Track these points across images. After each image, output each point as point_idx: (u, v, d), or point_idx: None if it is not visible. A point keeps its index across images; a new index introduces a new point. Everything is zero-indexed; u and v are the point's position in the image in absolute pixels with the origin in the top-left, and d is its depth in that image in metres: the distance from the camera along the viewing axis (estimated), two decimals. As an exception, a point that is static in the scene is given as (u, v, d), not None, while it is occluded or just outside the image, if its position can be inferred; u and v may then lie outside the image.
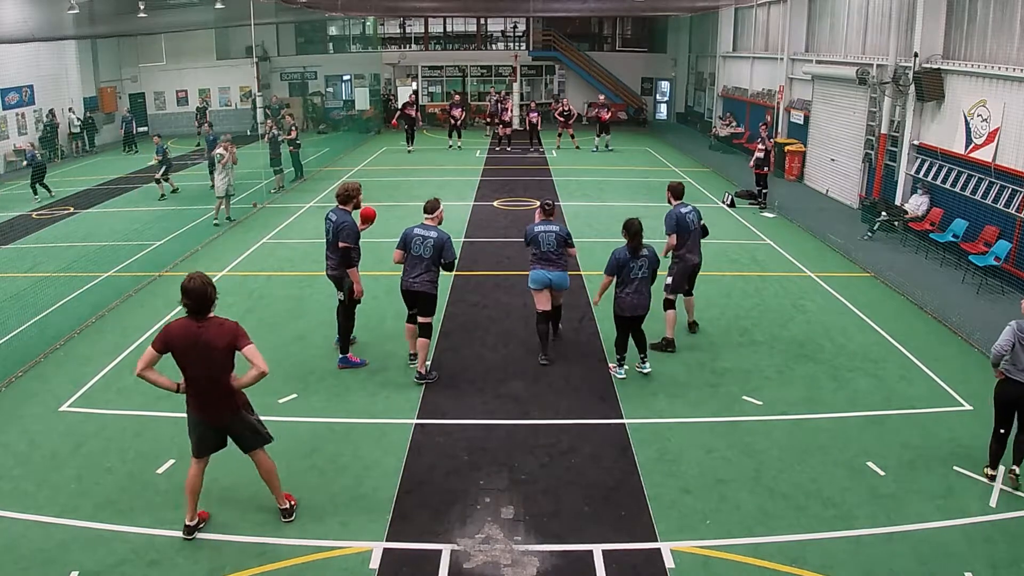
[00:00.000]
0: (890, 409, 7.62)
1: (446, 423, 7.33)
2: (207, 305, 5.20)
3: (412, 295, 8.14)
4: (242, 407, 5.49)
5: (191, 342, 5.18)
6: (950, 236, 12.71)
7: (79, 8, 19.68)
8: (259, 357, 5.14)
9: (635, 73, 34.80)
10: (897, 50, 15.08)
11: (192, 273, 5.25)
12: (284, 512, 5.77)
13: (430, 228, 8.12)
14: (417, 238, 8.05)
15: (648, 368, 8.34)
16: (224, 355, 5.21)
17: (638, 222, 7.95)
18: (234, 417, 5.47)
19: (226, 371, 5.29)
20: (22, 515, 5.88)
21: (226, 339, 5.18)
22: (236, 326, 5.25)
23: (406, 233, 8.18)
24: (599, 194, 18.01)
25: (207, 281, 5.21)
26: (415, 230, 8.12)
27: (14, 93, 22.70)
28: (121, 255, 12.93)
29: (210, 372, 5.25)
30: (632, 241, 7.89)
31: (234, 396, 5.39)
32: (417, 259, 8.04)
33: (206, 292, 5.17)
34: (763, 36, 24.27)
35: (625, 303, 8.03)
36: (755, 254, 13.14)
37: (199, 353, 5.19)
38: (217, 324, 5.24)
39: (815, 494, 6.17)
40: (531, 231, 8.55)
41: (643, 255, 7.95)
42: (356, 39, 35.20)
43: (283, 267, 12.36)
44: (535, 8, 27.08)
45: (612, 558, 5.40)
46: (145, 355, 5.23)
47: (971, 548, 5.50)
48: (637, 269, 7.91)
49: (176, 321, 5.32)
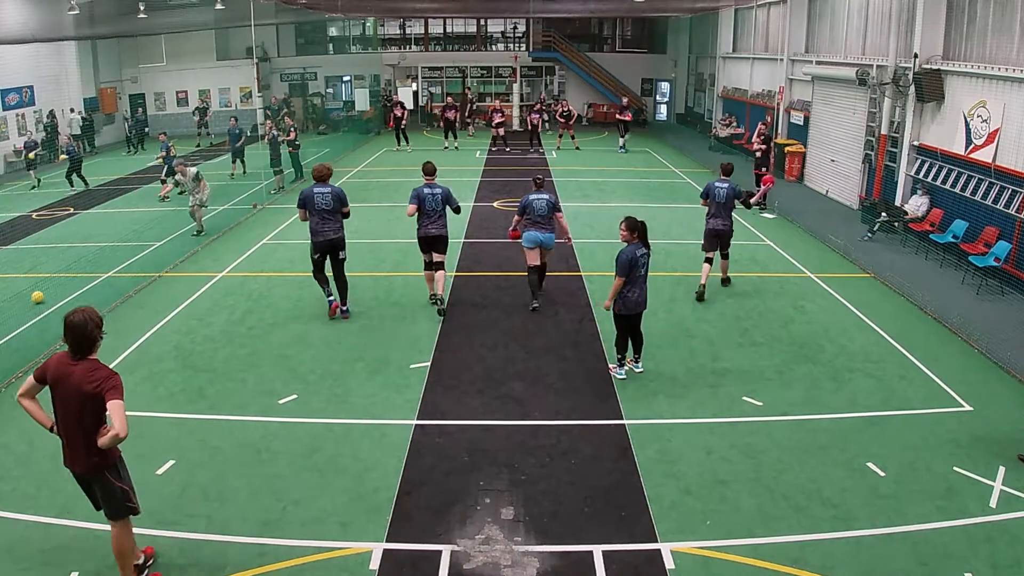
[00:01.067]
0: (890, 410, 7.62)
1: (446, 423, 7.33)
2: (85, 344, 4.65)
3: (431, 239, 9.95)
4: (107, 468, 4.84)
5: (61, 380, 4.68)
6: (950, 237, 12.71)
7: (79, 9, 19.68)
8: (121, 418, 4.50)
9: (635, 74, 34.81)
10: (897, 51, 15.09)
11: (81, 307, 4.77)
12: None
13: (434, 186, 9.93)
14: (428, 195, 9.83)
15: (640, 368, 8.41)
16: (89, 402, 4.61)
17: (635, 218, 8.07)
18: (93, 475, 4.85)
19: (93, 423, 4.67)
20: (22, 516, 5.88)
21: (92, 386, 4.58)
22: (110, 376, 4.64)
23: (417, 192, 9.87)
24: (599, 195, 18.01)
25: (92, 318, 4.67)
26: (424, 189, 9.86)
27: (14, 94, 22.72)
28: (121, 256, 12.94)
29: (74, 417, 4.68)
30: (643, 238, 7.98)
31: (97, 452, 4.70)
32: (431, 211, 9.83)
33: (86, 329, 4.62)
34: (763, 37, 24.29)
35: (630, 302, 8.04)
36: (755, 255, 13.14)
37: (65, 393, 4.67)
38: (90, 368, 4.65)
39: (815, 495, 6.17)
40: (526, 199, 10.08)
41: (646, 252, 8.03)
42: (356, 40, 35.22)
43: (283, 268, 12.36)
44: (535, 9, 27.10)
45: (612, 559, 5.39)
46: (26, 381, 4.87)
47: (971, 548, 5.50)
48: (642, 267, 7.95)
49: (57, 354, 4.83)
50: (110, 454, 4.82)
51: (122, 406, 4.57)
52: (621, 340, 8.27)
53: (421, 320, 10.00)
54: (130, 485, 5.01)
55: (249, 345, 9.22)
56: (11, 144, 22.77)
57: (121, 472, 4.96)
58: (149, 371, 8.50)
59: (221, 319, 10.09)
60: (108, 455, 4.81)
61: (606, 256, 12.85)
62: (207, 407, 7.65)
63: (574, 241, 11.83)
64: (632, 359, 8.43)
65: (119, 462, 4.96)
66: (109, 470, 4.86)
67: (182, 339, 9.43)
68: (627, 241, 7.96)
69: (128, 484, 5.00)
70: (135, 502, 5.03)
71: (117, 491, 4.91)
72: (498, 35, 36.20)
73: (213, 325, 9.88)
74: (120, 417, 4.51)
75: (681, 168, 21.94)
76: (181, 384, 8.18)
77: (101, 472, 4.83)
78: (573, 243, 11.76)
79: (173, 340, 9.40)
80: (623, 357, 8.31)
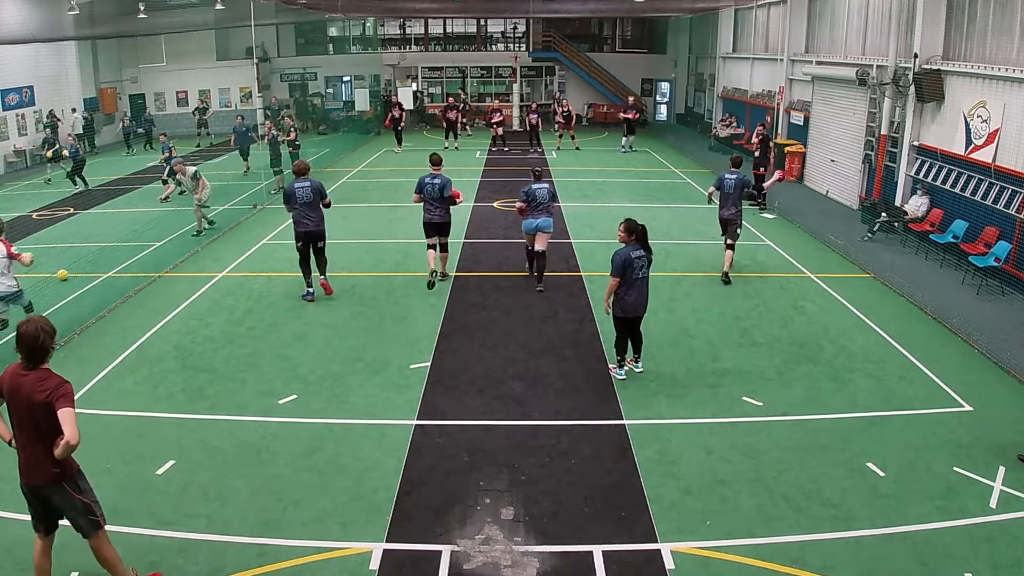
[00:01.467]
0: (890, 410, 7.62)
1: (446, 424, 7.33)
2: (37, 354, 4.62)
3: (436, 225, 11.12)
4: (65, 480, 4.75)
5: (13, 390, 4.64)
6: (950, 237, 12.71)
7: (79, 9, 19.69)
8: (71, 425, 4.44)
9: (635, 74, 34.80)
10: (897, 51, 15.09)
11: (34, 316, 4.79)
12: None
13: (436, 176, 10.98)
14: (429, 184, 10.95)
15: (640, 368, 8.43)
16: (42, 412, 4.55)
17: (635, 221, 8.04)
18: (53, 488, 4.75)
19: (49, 433, 4.58)
20: (22, 516, 5.86)
21: (43, 394, 4.53)
22: (60, 384, 4.60)
23: (421, 181, 11.06)
24: (599, 195, 18.02)
25: (44, 328, 4.65)
26: (426, 179, 10.99)
27: (14, 94, 22.72)
28: (121, 256, 12.94)
29: (29, 429, 4.63)
30: (642, 240, 7.94)
31: (53, 463, 4.64)
32: (433, 199, 10.97)
33: (38, 339, 4.59)
34: (763, 37, 24.29)
35: (628, 305, 8.02)
36: (755, 255, 13.14)
37: (18, 405, 4.63)
38: (40, 377, 4.61)
39: (815, 495, 6.17)
40: (530, 189, 11.08)
41: (648, 255, 8.01)
42: (356, 40, 35.22)
43: (283, 268, 12.35)
44: (535, 9, 27.10)
45: (612, 559, 5.39)
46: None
47: (972, 549, 5.50)
48: (638, 270, 7.91)
49: (10, 365, 4.78)
50: (68, 466, 4.75)
51: (72, 413, 4.51)
52: (620, 342, 8.28)
53: (421, 320, 10.00)
54: (92, 498, 4.92)
55: (249, 345, 9.22)
56: (11, 144, 22.78)
57: (81, 485, 4.86)
58: (149, 371, 8.50)
59: (221, 319, 10.09)
60: (66, 466, 4.73)
61: (605, 256, 12.74)
62: (207, 407, 7.65)
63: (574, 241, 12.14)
64: (632, 359, 8.44)
65: (78, 475, 4.87)
66: (68, 482, 4.78)
67: (182, 339, 9.43)
68: (624, 242, 7.96)
69: (90, 497, 4.90)
70: (99, 514, 4.94)
71: (79, 504, 4.81)
72: (498, 35, 36.20)
73: (213, 325, 9.88)
74: (71, 425, 4.44)
75: (681, 168, 21.94)
76: (181, 384, 8.18)
77: (60, 484, 4.75)
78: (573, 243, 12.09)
79: (173, 340, 9.40)
80: (623, 358, 8.31)
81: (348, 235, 14.37)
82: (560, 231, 14.52)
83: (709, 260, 12.63)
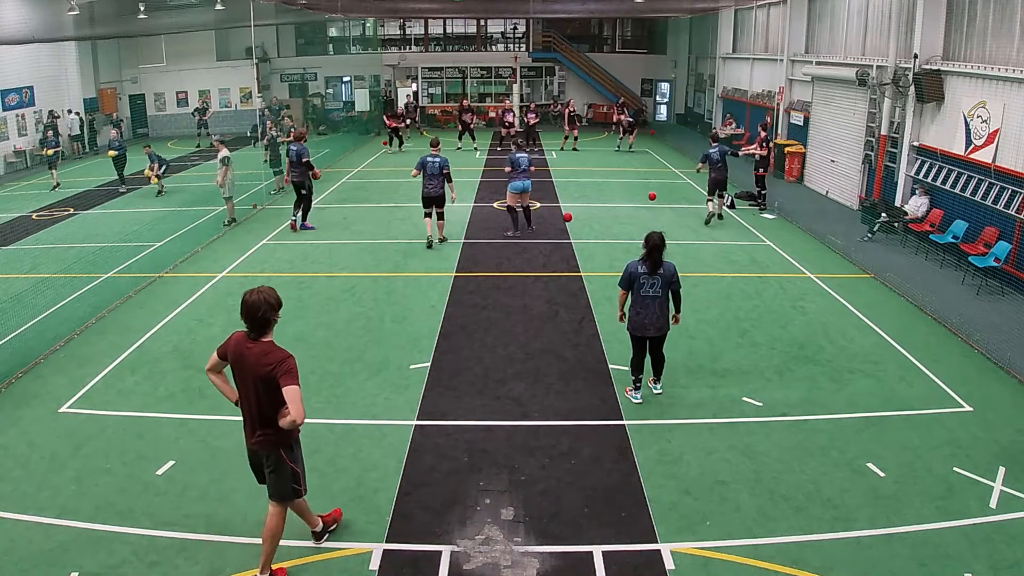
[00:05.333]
0: (890, 410, 7.62)
1: (446, 424, 7.33)
2: (258, 325, 4.74)
3: (432, 199, 13.01)
4: (282, 446, 4.93)
5: (238, 359, 4.83)
6: (950, 237, 12.71)
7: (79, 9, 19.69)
8: (297, 403, 4.55)
9: (635, 74, 34.82)
10: (897, 51, 15.09)
11: (261, 287, 4.83)
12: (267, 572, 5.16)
13: (436, 156, 12.81)
14: (431, 162, 12.75)
15: (659, 389, 7.89)
16: (265, 383, 4.70)
17: (659, 236, 7.28)
18: (269, 452, 4.94)
19: (270, 402, 4.74)
20: (22, 516, 5.88)
21: (267, 368, 4.66)
22: (284, 359, 4.68)
23: (422, 159, 12.84)
24: (599, 195, 18.01)
25: (267, 300, 4.73)
26: (427, 157, 12.79)
27: (14, 94, 22.73)
28: (121, 256, 12.94)
29: (251, 396, 4.82)
30: (649, 256, 7.27)
31: (275, 431, 4.82)
32: (431, 175, 12.78)
33: (259, 310, 4.70)
34: (763, 37, 24.29)
35: (635, 321, 7.49)
36: (755, 255, 13.15)
37: (243, 374, 4.82)
38: (264, 350, 4.74)
39: (815, 495, 6.17)
40: (514, 157, 13.73)
41: (658, 273, 7.32)
42: (356, 40, 35.23)
43: (283, 268, 12.36)
44: (535, 9, 27.12)
45: (612, 559, 5.39)
46: (211, 357, 5.06)
47: (971, 549, 5.50)
48: (649, 287, 7.32)
49: (236, 332, 4.95)
50: (288, 434, 4.89)
51: (297, 391, 4.61)
52: (633, 360, 7.69)
53: (421, 320, 10.01)
54: (302, 467, 5.09)
55: (249, 345, 9.21)
56: (11, 144, 22.79)
57: (296, 453, 5.03)
58: (149, 371, 8.50)
59: (221, 319, 10.09)
60: (286, 434, 4.88)
61: (605, 257, 12.87)
62: (207, 407, 7.65)
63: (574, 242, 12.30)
64: (651, 379, 7.91)
65: (296, 443, 5.03)
66: (284, 448, 4.94)
67: (182, 339, 9.43)
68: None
69: (300, 466, 5.07)
70: (302, 485, 5.11)
71: (288, 471, 4.98)
72: (498, 35, 36.18)
73: (213, 325, 9.88)
74: (296, 404, 4.56)
75: (681, 168, 21.93)
76: (181, 384, 8.18)
77: (277, 449, 4.92)
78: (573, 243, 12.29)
79: (173, 340, 9.40)
80: (637, 379, 7.70)
81: (348, 235, 14.38)
82: (560, 231, 14.54)
83: (709, 260, 12.64)
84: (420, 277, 11.79)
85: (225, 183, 14.85)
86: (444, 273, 11.94)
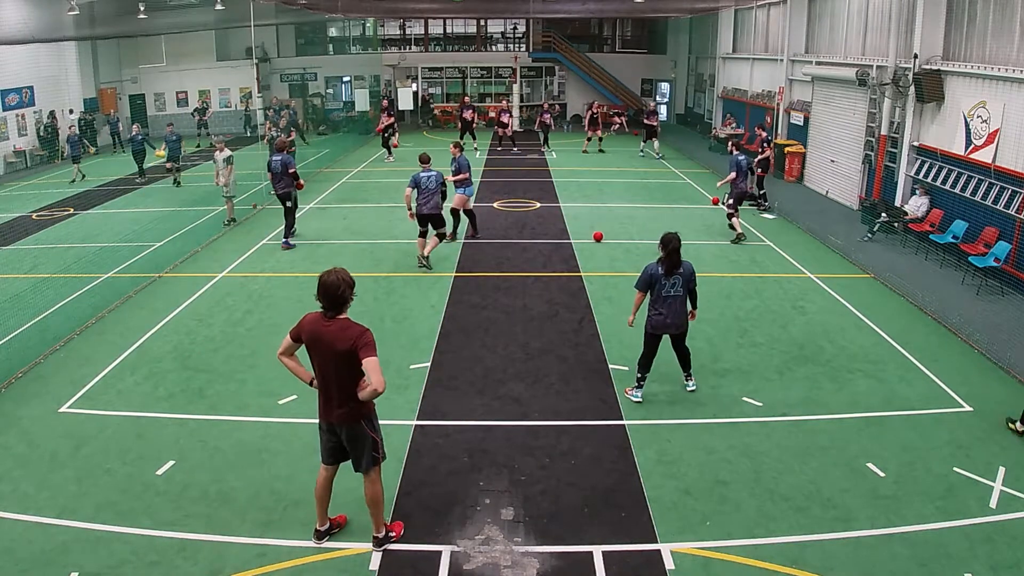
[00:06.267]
0: (890, 410, 7.62)
1: (446, 424, 7.33)
2: (337, 303, 4.97)
3: (427, 217, 12.04)
4: (363, 417, 5.20)
5: (316, 338, 5.04)
6: (950, 237, 12.71)
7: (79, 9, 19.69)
8: (377, 373, 4.82)
9: (635, 74, 34.80)
10: (897, 51, 15.09)
11: (336, 268, 5.05)
12: (376, 540, 5.50)
13: (429, 171, 11.99)
14: (424, 178, 11.86)
15: (693, 386, 7.94)
16: (345, 358, 4.95)
17: (677, 238, 7.38)
18: (351, 426, 5.20)
19: (350, 376, 5.01)
20: (22, 516, 5.88)
21: (347, 343, 4.92)
22: (362, 333, 4.95)
23: (415, 177, 11.89)
24: (599, 196, 18.01)
25: (344, 279, 4.97)
26: (421, 174, 11.90)
27: (14, 94, 22.72)
28: (121, 256, 12.94)
29: (331, 372, 5.05)
30: (668, 257, 7.37)
31: (355, 403, 5.08)
32: (426, 191, 11.86)
33: (338, 289, 4.94)
34: (763, 37, 24.29)
35: (656, 321, 7.53)
36: (755, 255, 13.14)
37: (321, 351, 5.04)
38: (342, 326, 4.99)
39: (815, 495, 6.17)
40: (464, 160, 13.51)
41: (678, 272, 7.41)
42: (356, 40, 35.23)
43: (283, 268, 12.36)
44: (535, 9, 27.11)
45: (612, 559, 5.40)
46: (283, 341, 5.23)
47: (971, 549, 5.50)
48: (670, 287, 7.40)
49: (311, 312, 5.15)
50: (367, 405, 5.15)
51: (377, 362, 4.88)
52: (643, 358, 7.72)
53: (421, 320, 10.01)
54: (380, 436, 5.36)
55: (249, 346, 9.22)
56: (11, 144, 22.78)
57: (374, 423, 5.31)
58: (149, 371, 8.50)
59: (221, 319, 10.09)
60: (365, 405, 5.15)
61: (605, 257, 12.88)
62: (207, 407, 7.65)
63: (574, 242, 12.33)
64: (683, 376, 7.99)
65: (373, 414, 5.30)
66: (365, 419, 5.22)
67: (182, 339, 9.43)
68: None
69: (379, 435, 5.36)
70: (381, 451, 5.37)
71: (369, 440, 5.26)
72: (498, 35, 36.18)
73: (213, 325, 9.88)
74: (377, 373, 4.82)
75: (681, 169, 21.93)
76: (181, 384, 8.18)
77: (359, 420, 5.18)
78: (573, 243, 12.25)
79: (173, 340, 9.40)
80: (643, 378, 7.76)
81: (348, 235, 14.38)
82: (560, 231, 14.54)
83: (709, 260, 12.63)
84: (420, 277, 11.79)
85: (229, 182, 14.92)
86: (444, 273, 11.95)
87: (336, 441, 5.32)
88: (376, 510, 5.45)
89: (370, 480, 5.36)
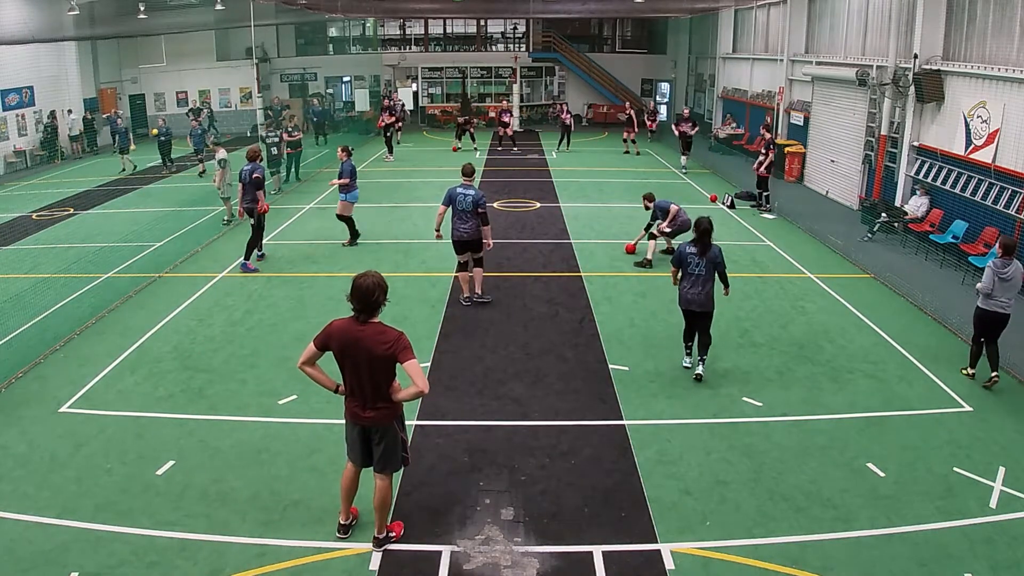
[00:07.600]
0: (890, 410, 7.62)
1: (446, 424, 7.33)
2: (371, 307, 4.95)
3: (464, 243, 10.03)
4: (395, 418, 5.26)
5: (350, 343, 4.99)
6: (950, 237, 12.71)
7: (79, 9, 19.70)
8: (420, 375, 4.86)
9: (635, 74, 34.82)
10: (897, 51, 15.10)
11: (370, 271, 5.00)
12: (376, 540, 5.49)
13: (469, 187, 9.91)
14: (460, 195, 9.83)
15: (701, 371, 8.21)
16: (382, 363, 4.97)
17: (708, 221, 8.01)
18: (385, 428, 5.22)
19: (385, 379, 5.05)
20: (22, 516, 5.88)
21: (384, 348, 4.93)
22: (399, 337, 4.97)
23: (450, 192, 9.92)
24: (599, 195, 18.02)
25: (379, 283, 4.94)
26: (457, 189, 9.89)
27: (14, 94, 22.72)
28: (121, 256, 12.94)
29: (365, 376, 5.03)
30: (700, 239, 8.00)
31: (390, 406, 5.14)
32: (462, 213, 9.83)
33: (373, 294, 4.90)
34: (763, 37, 24.29)
35: (682, 296, 8.22)
36: (755, 255, 13.15)
37: (356, 356, 5.00)
38: (378, 330, 4.98)
39: (815, 495, 6.17)
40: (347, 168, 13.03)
41: (707, 255, 7.99)
42: (356, 41, 35.24)
43: (283, 268, 12.36)
44: (535, 9, 27.12)
45: (612, 559, 5.39)
46: (305, 350, 5.15)
47: (971, 549, 5.50)
48: (695, 266, 8.00)
49: (339, 319, 5.12)
50: (400, 406, 5.24)
51: (418, 365, 4.94)
52: (685, 330, 8.47)
53: (421, 320, 10.00)
54: (406, 436, 5.46)
55: (249, 345, 9.22)
56: (11, 144, 22.78)
57: (403, 423, 5.41)
58: (149, 371, 8.50)
59: (221, 319, 10.09)
60: (398, 408, 5.23)
61: (606, 256, 12.88)
62: (207, 407, 7.65)
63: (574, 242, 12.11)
64: (698, 357, 8.30)
65: (403, 415, 5.38)
66: (397, 420, 5.29)
67: (182, 339, 9.43)
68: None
69: (405, 435, 5.46)
70: (407, 453, 5.46)
71: (400, 440, 5.33)
72: (498, 35, 36.20)
73: (213, 325, 9.88)
74: (421, 376, 4.88)
75: (681, 168, 21.91)
76: (181, 384, 8.18)
77: (391, 421, 5.22)
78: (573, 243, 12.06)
79: (173, 340, 9.40)
80: (689, 346, 8.46)
81: (348, 235, 14.36)
82: (560, 231, 14.55)
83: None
84: (420, 277, 11.79)
85: (222, 185, 15.07)
86: (444, 273, 11.94)
87: (367, 444, 5.30)
88: (383, 513, 5.47)
89: (385, 483, 5.37)
